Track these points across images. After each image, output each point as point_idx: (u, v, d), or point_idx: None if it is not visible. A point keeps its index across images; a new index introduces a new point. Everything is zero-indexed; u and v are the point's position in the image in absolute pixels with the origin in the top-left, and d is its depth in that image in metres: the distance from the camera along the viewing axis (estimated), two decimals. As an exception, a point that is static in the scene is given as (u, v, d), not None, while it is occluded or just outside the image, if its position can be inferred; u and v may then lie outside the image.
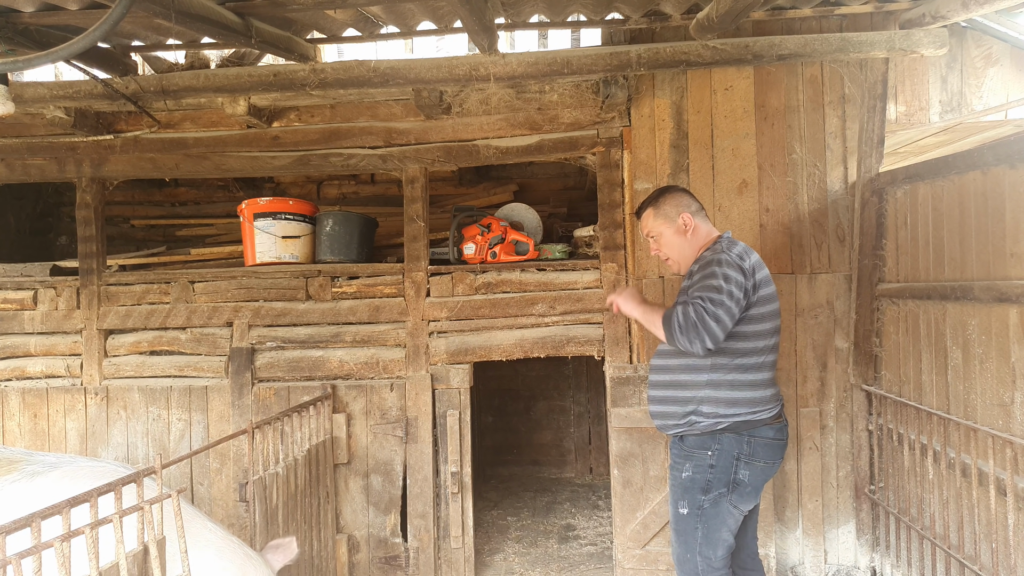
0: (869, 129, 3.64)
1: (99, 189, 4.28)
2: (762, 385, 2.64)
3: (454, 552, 4.02)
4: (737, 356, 2.60)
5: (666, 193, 2.87)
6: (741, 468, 2.60)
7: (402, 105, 4.05)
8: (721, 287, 2.50)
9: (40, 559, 1.95)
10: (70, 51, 2.48)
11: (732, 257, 2.58)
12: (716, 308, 2.48)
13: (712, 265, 2.57)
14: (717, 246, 2.70)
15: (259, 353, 4.15)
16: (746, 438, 2.60)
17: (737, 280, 2.52)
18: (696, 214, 2.82)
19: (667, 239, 2.84)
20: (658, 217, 2.84)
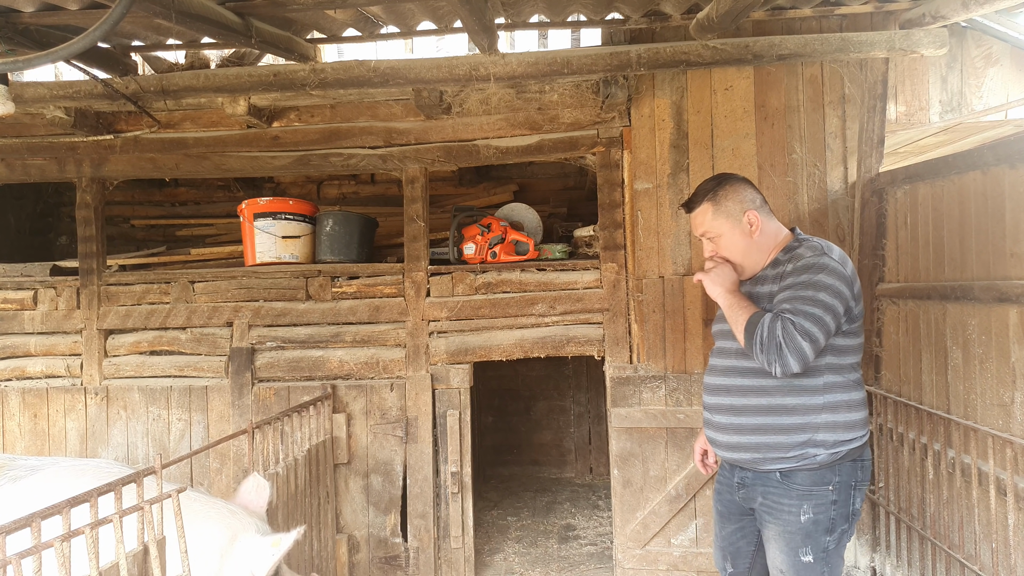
0: (869, 129, 3.64)
1: (99, 189, 4.27)
2: (864, 405, 2.32)
3: (454, 552, 4.02)
4: (846, 372, 2.27)
5: (725, 185, 2.41)
6: (856, 497, 2.28)
7: (402, 105, 4.05)
8: (822, 301, 2.14)
9: (40, 559, 1.95)
10: (70, 51, 2.47)
11: (835, 263, 2.21)
12: (813, 326, 2.12)
13: (813, 271, 2.19)
14: (813, 244, 2.30)
15: (259, 353, 4.15)
16: (860, 463, 2.28)
17: (841, 292, 2.17)
18: (761, 209, 2.40)
19: (729, 241, 2.40)
20: (718, 216, 2.39)
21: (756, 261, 2.40)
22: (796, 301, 2.16)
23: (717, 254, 2.44)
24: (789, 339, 2.11)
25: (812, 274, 2.19)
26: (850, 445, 2.24)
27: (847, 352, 2.27)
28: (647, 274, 3.87)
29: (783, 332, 2.12)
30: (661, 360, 3.85)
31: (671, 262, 3.84)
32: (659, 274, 3.86)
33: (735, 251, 2.41)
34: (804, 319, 2.13)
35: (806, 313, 2.14)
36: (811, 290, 2.16)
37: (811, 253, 2.25)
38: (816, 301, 2.15)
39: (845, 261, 2.26)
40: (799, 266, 2.23)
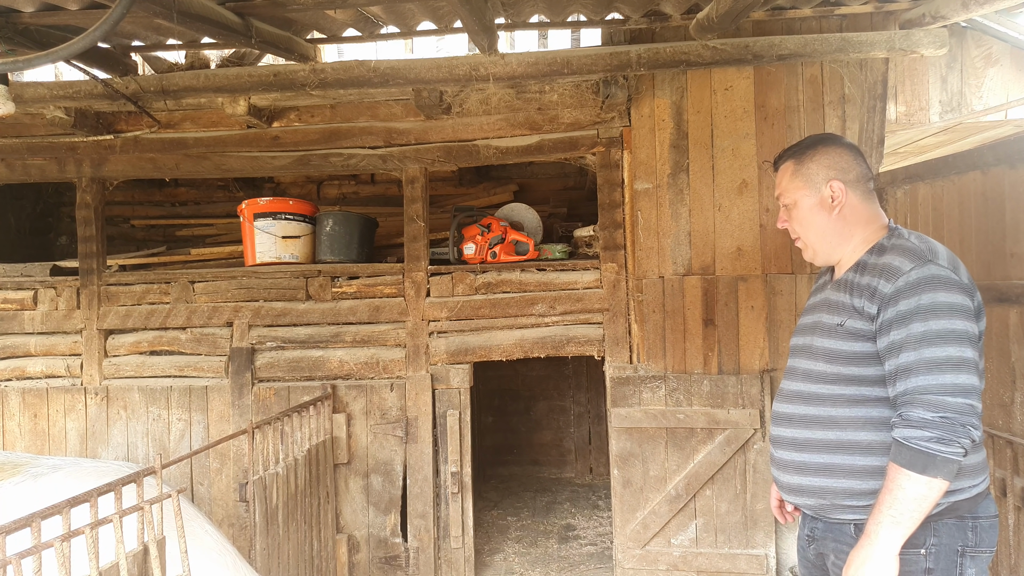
0: (869, 129, 3.64)
1: (99, 189, 4.27)
2: (981, 444, 1.78)
3: (454, 552, 4.02)
4: None
5: (818, 145, 1.94)
6: (967, 566, 1.71)
7: (402, 105, 4.05)
8: (953, 332, 1.62)
9: (40, 559, 1.95)
10: (70, 51, 2.47)
11: (947, 271, 1.67)
12: (957, 376, 1.60)
13: (922, 291, 1.65)
14: (910, 247, 1.74)
15: (259, 353, 4.15)
16: (969, 521, 1.72)
17: (964, 308, 1.65)
18: (855, 185, 1.89)
19: (802, 212, 1.95)
20: (796, 177, 1.95)
21: (833, 247, 1.92)
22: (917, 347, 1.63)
23: (788, 224, 2.02)
24: (949, 414, 1.58)
25: (923, 294, 1.65)
26: (954, 497, 1.69)
27: None
28: (647, 274, 3.87)
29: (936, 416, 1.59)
30: (661, 360, 3.85)
31: (671, 262, 3.84)
32: (659, 274, 3.86)
33: (808, 227, 1.95)
34: (943, 373, 1.60)
35: (940, 364, 1.61)
36: (933, 320, 1.63)
37: (911, 264, 1.69)
38: (946, 337, 1.62)
39: (957, 265, 1.72)
40: (900, 287, 1.68)
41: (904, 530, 1.61)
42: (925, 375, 1.62)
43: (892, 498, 1.61)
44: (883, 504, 1.63)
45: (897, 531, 1.61)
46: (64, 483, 2.64)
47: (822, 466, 1.82)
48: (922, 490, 1.59)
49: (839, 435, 1.80)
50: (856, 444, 1.77)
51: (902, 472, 1.61)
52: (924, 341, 1.63)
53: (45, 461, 2.89)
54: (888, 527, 1.61)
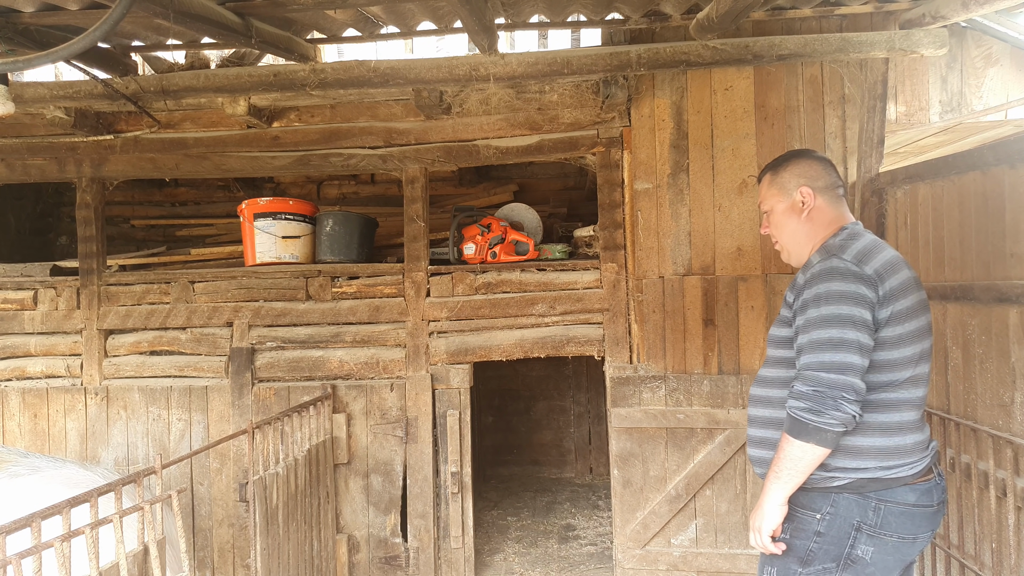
0: (869, 129, 3.64)
1: (99, 189, 4.27)
2: (901, 429, 1.92)
3: (454, 552, 4.02)
4: (869, 391, 1.91)
5: (792, 158, 2.19)
6: (862, 542, 1.90)
7: (402, 105, 4.05)
8: (838, 316, 1.85)
9: (40, 559, 1.95)
10: (70, 51, 2.47)
11: (846, 263, 1.90)
12: (835, 354, 1.82)
13: (821, 280, 1.91)
14: (831, 243, 2.02)
15: (259, 353, 4.15)
16: (873, 501, 1.90)
17: (856, 295, 1.86)
18: (823, 191, 2.11)
19: (777, 216, 2.18)
20: (772, 186, 2.19)
21: (802, 247, 2.15)
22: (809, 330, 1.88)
23: (769, 230, 2.24)
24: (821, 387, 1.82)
25: (819, 284, 1.90)
26: (854, 475, 1.90)
27: (876, 368, 1.90)
28: (647, 274, 3.87)
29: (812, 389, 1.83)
30: (661, 360, 3.85)
31: (671, 262, 3.84)
32: (659, 274, 3.86)
33: (781, 231, 2.19)
34: (823, 352, 1.84)
35: (823, 344, 1.84)
36: (823, 306, 1.87)
37: (819, 258, 1.97)
38: (831, 320, 1.85)
39: (866, 258, 1.93)
40: (807, 277, 1.96)
41: (785, 484, 1.90)
42: (809, 354, 1.87)
43: (777, 458, 1.92)
44: (773, 463, 1.93)
45: (779, 484, 1.91)
46: (39, 488, 2.61)
47: (760, 439, 2.09)
48: (797, 452, 1.86)
49: (772, 413, 2.06)
50: (781, 421, 2.00)
51: (785, 436, 1.90)
52: (814, 324, 1.88)
53: (30, 461, 2.87)
54: (773, 482, 1.92)
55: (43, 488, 2.59)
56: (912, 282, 1.99)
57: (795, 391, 1.87)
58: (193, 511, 4.09)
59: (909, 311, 1.93)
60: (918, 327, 1.96)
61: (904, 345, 1.92)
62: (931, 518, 1.96)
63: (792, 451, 1.87)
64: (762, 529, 1.95)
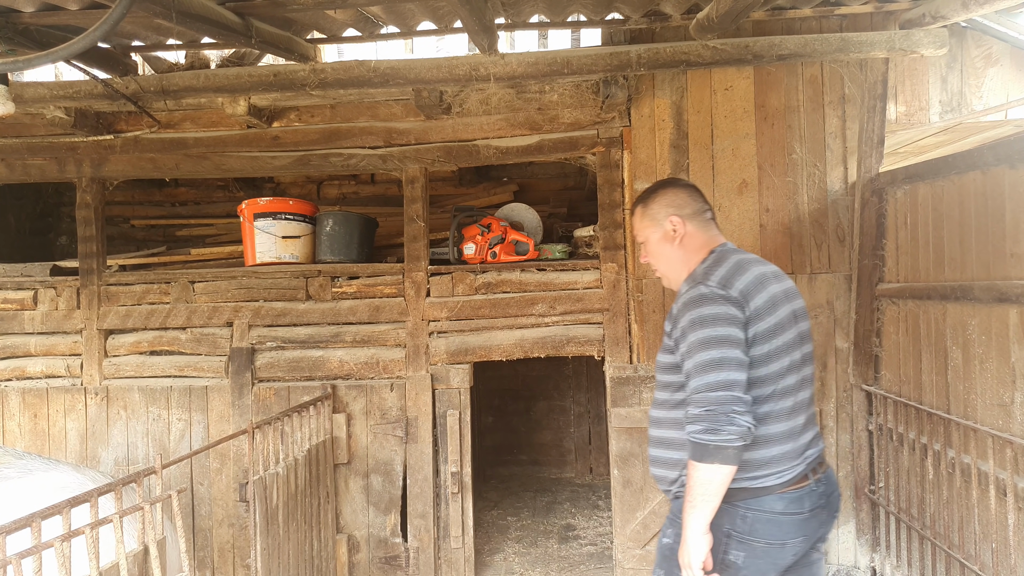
0: (869, 129, 3.64)
1: (99, 189, 4.27)
2: (768, 442, 2.00)
3: (454, 552, 4.02)
4: None
5: (660, 189, 2.29)
6: (733, 548, 2.00)
7: (402, 105, 4.05)
8: (714, 338, 1.92)
9: (40, 559, 1.95)
10: (70, 51, 2.47)
11: (712, 288, 1.99)
12: (718, 373, 1.89)
13: (692, 307, 2.00)
14: (696, 272, 2.13)
15: (259, 353, 4.15)
16: (741, 510, 2.00)
17: (726, 316, 1.95)
18: (692, 218, 2.21)
19: (653, 247, 2.27)
20: (644, 218, 2.28)
21: (679, 272, 2.23)
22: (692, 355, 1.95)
23: (648, 259, 2.34)
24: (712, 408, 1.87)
25: (692, 311, 1.99)
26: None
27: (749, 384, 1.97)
28: (647, 274, 3.87)
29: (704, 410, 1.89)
30: (661, 360, 3.85)
31: (671, 262, 3.84)
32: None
33: (658, 259, 2.28)
34: (707, 373, 1.90)
35: (706, 366, 1.91)
36: (699, 330, 1.95)
37: (687, 286, 2.08)
38: (709, 342, 1.92)
39: (730, 280, 2.02)
40: (679, 306, 2.05)
41: (701, 512, 1.93)
42: (696, 378, 1.93)
43: (689, 487, 1.95)
44: (686, 493, 1.97)
45: (695, 513, 1.94)
46: (29, 492, 2.59)
47: (654, 458, 2.20)
48: (706, 475, 1.90)
49: (660, 433, 2.17)
50: (667, 441, 2.14)
51: (691, 464, 1.93)
52: (694, 349, 1.95)
53: (24, 463, 2.85)
54: (690, 511, 1.95)
55: (33, 493, 2.58)
56: (781, 296, 2.07)
57: (690, 416, 1.93)
58: (193, 511, 4.09)
59: (776, 327, 2.02)
60: (786, 341, 2.04)
61: (771, 361, 2.00)
62: (801, 524, 2.01)
63: (700, 475, 1.91)
64: (692, 564, 1.96)
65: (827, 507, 2.09)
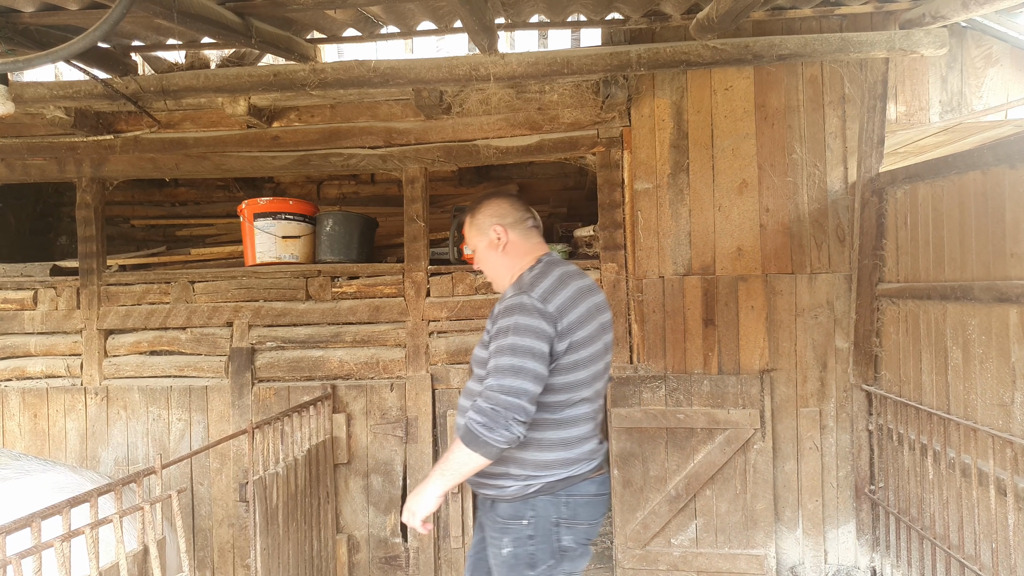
0: (869, 129, 3.64)
1: (99, 189, 4.27)
2: (579, 441, 2.24)
3: (454, 552, 4.02)
4: (546, 411, 2.18)
5: (485, 201, 2.47)
6: (564, 533, 2.21)
7: (402, 105, 4.05)
8: (521, 347, 2.08)
9: (40, 559, 1.95)
10: (70, 51, 2.47)
11: (533, 301, 2.14)
12: (514, 380, 2.06)
13: (510, 314, 2.14)
14: (524, 278, 2.27)
15: (259, 353, 4.15)
16: (563, 498, 2.20)
17: (538, 330, 2.11)
18: (514, 226, 2.38)
19: (481, 255, 2.43)
20: (472, 228, 2.45)
21: (504, 277, 2.39)
22: (497, 356, 2.11)
23: (479, 268, 2.48)
24: (496, 405, 2.04)
25: (509, 317, 2.13)
26: (546, 479, 2.19)
27: (555, 391, 2.17)
28: (647, 274, 3.87)
29: (489, 403, 2.05)
30: (661, 360, 3.85)
31: (671, 262, 3.85)
32: (659, 274, 3.86)
33: (486, 265, 2.44)
34: (504, 377, 2.06)
35: (505, 370, 2.07)
36: (510, 336, 2.10)
37: (512, 292, 2.22)
38: (514, 350, 2.08)
39: (550, 296, 2.17)
40: (500, 309, 2.19)
41: (447, 481, 2.14)
42: (494, 377, 2.09)
43: (446, 457, 2.15)
44: (441, 459, 2.17)
45: (443, 480, 2.15)
46: (25, 493, 2.59)
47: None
48: (464, 458, 2.10)
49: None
50: None
51: (458, 442, 2.11)
52: (501, 351, 2.10)
53: (21, 464, 2.85)
54: (438, 476, 2.15)
55: (30, 493, 2.58)
56: (594, 309, 2.27)
57: (476, 405, 2.08)
58: (193, 511, 4.09)
59: (585, 340, 2.21)
60: (593, 352, 2.24)
61: (579, 370, 2.21)
62: (606, 503, 2.32)
63: (460, 456, 2.11)
64: (417, 513, 2.18)
65: (610, 497, 2.38)
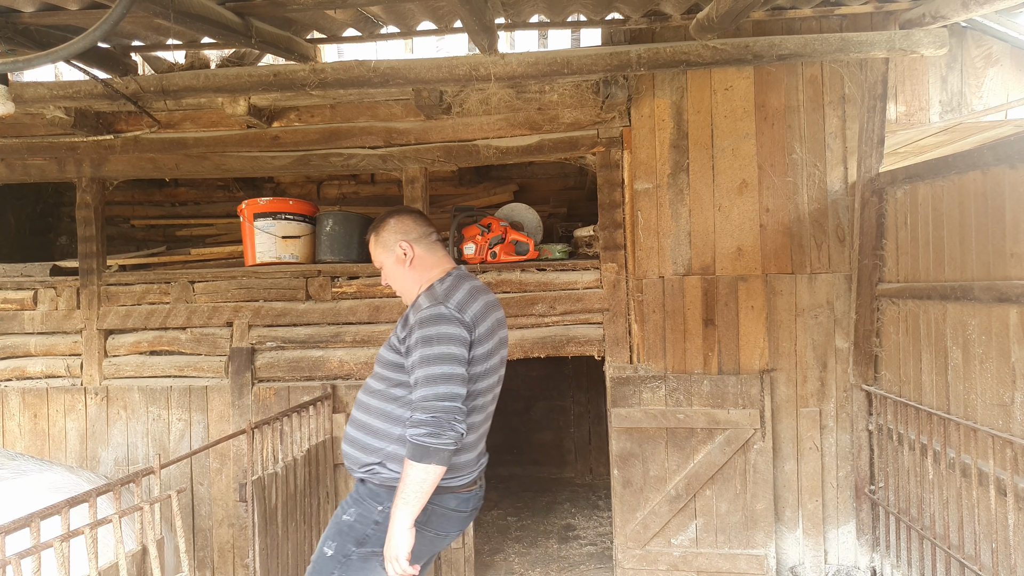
0: (869, 129, 3.64)
1: (99, 189, 4.27)
2: (465, 448, 2.30)
3: (454, 552, 4.02)
4: None
5: (388, 218, 2.51)
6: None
7: (402, 105, 4.05)
8: (447, 355, 2.15)
9: (40, 559, 1.95)
10: (70, 51, 2.47)
11: (451, 310, 2.22)
12: (446, 386, 2.13)
13: (431, 324, 2.20)
14: (437, 289, 2.33)
15: (259, 353, 4.15)
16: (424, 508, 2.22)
17: (460, 337, 2.19)
18: (419, 241, 2.45)
19: (388, 270, 2.48)
20: (378, 246, 2.50)
21: (412, 290, 2.44)
22: (424, 366, 2.15)
23: (387, 283, 2.53)
24: (436, 414, 2.10)
25: (431, 326, 2.19)
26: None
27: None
28: (647, 274, 3.87)
29: (429, 416, 2.10)
30: (661, 360, 3.85)
31: (671, 262, 3.85)
32: (659, 274, 3.86)
33: (394, 280, 2.49)
34: (437, 385, 2.12)
35: (435, 379, 2.13)
36: (433, 345, 2.16)
37: (428, 303, 2.26)
38: (440, 358, 2.15)
39: (465, 306, 2.26)
40: (418, 319, 2.23)
41: (412, 508, 2.13)
42: (424, 387, 2.14)
43: (403, 484, 2.13)
44: (398, 490, 2.15)
45: (408, 509, 2.13)
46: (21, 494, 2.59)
47: (352, 438, 2.38)
48: (421, 475, 2.11)
49: (367, 419, 2.36)
50: (372, 429, 2.33)
51: (408, 463, 2.12)
52: (427, 362, 2.16)
53: (17, 464, 2.85)
54: (402, 507, 2.13)
55: (27, 493, 2.58)
56: (496, 323, 2.38)
57: (415, 420, 2.12)
58: (193, 511, 4.09)
59: (489, 352, 2.31)
60: (493, 364, 2.34)
61: (480, 380, 2.29)
62: (462, 521, 2.36)
63: (416, 474, 2.11)
64: (399, 556, 2.14)
65: (475, 511, 2.44)
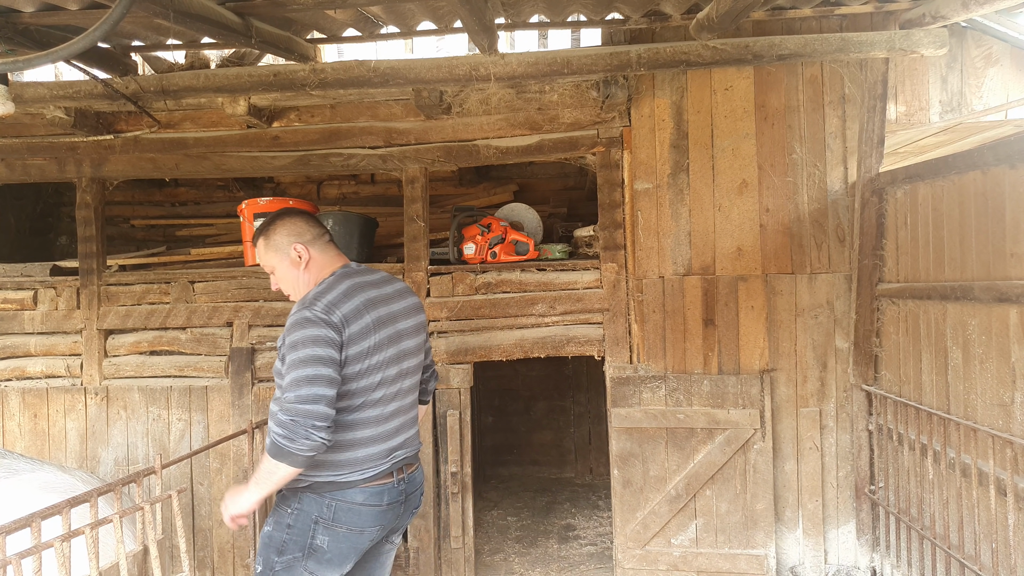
0: (869, 129, 3.64)
1: (99, 189, 4.27)
2: (352, 446, 2.30)
3: (454, 552, 4.02)
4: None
5: (277, 220, 2.47)
6: (320, 533, 2.29)
7: (402, 105, 4.05)
8: (311, 357, 2.16)
9: (40, 559, 1.95)
10: (70, 51, 2.47)
11: (316, 313, 2.21)
12: (310, 388, 2.13)
13: (296, 328, 2.21)
14: (308, 295, 2.32)
15: (259, 353, 4.15)
16: (327, 500, 2.29)
17: (326, 338, 2.18)
18: (313, 243, 2.43)
19: (282, 273, 2.45)
20: (269, 250, 2.45)
21: (303, 294, 2.40)
22: (290, 370, 2.17)
23: (279, 287, 2.51)
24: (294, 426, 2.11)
25: (295, 332, 2.20)
26: (312, 479, 2.29)
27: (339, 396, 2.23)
28: (647, 274, 3.87)
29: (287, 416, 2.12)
30: (661, 360, 3.85)
31: (671, 262, 3.85)
32: (659, 274, 3.86)
33: (286, 283, 2.47)
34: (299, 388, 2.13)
35: (299, 381, 2.14)
36: (300, 350, 2.17)
37: (296, 308, 2.27)
38: (305, 361, 2.16)
39: (335, 306, 2.24)
40: (287, 324, 2.25)
41: (261, 490, 2.22)
42: (289, 390, 2.15)
43: (258, 468, 2.22)
44: (256, 470, 2.24)
45: (256, 489, 2.22)
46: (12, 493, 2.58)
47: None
48: (272, 468, 2.17)
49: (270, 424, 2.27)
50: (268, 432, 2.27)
51: (265, 455, 2.19)
52: (293, 365, 2.17)
53: (8, 463, 2.84)
54: (252, 485, 2.23)
55: (19, 492, 2.57)
56: (387, 317, 2.36)
57: (277, 419, 2.15)
58: (193, 511, 4.09)
59: (372, 348, 2.29)
60: (381, 359, 2.31)
61: (363, 377, 2.27)
62: (379, 515, 2.34)
63: (269, 467, 2.18)
64: (229, 510, 2.29)
65: (405, 503, 2.43)
